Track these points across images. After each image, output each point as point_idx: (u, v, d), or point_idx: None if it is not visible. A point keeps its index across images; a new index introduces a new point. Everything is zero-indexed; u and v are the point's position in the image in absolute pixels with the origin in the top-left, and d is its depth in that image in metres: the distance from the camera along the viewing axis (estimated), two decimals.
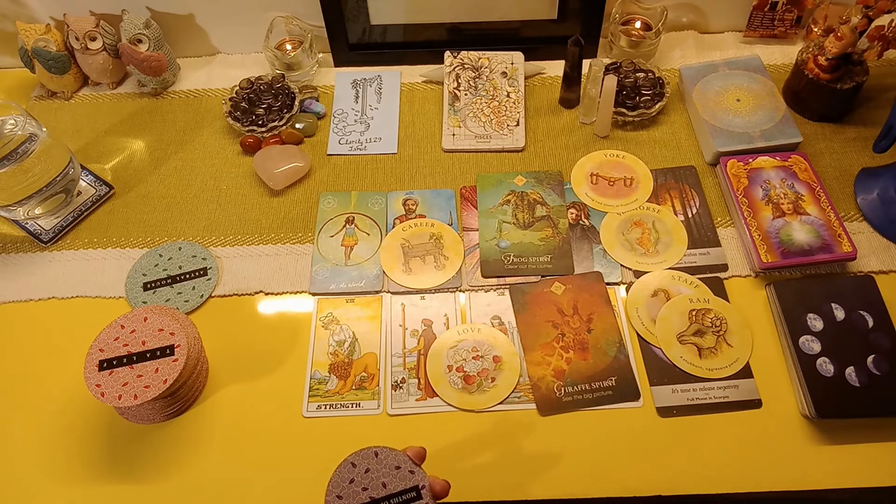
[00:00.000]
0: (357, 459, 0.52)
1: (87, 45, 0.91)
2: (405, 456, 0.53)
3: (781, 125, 0.83)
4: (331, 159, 0.88)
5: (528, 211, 0.81)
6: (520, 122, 0.88)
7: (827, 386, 0.65)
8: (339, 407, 0.68)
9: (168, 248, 0.80)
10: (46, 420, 0.69)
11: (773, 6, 0.91)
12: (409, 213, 0.82)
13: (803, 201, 0.76)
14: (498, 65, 0.92)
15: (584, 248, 0.78)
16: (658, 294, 0.74)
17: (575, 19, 0.92)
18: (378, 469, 0.52)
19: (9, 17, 0.93)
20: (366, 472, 0.52)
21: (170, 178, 0.87)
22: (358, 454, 0.52)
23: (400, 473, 0.52)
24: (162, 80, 0.94)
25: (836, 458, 0.64)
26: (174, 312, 0.68)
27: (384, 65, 0.97)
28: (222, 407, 0.69)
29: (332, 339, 0.73)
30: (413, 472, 0.52)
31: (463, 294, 0.75)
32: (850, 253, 0.72)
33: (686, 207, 0.80)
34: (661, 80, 0.88)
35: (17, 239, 0.82)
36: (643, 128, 0.88)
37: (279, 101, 0.89)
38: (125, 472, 0.66)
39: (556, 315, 0.73)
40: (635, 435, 0.66)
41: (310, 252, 0.79)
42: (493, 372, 0.70)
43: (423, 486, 0.51)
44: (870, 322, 0.68)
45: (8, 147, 0.75)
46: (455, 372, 0.70)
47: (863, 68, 0.83)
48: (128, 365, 0.63)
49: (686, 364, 0.69)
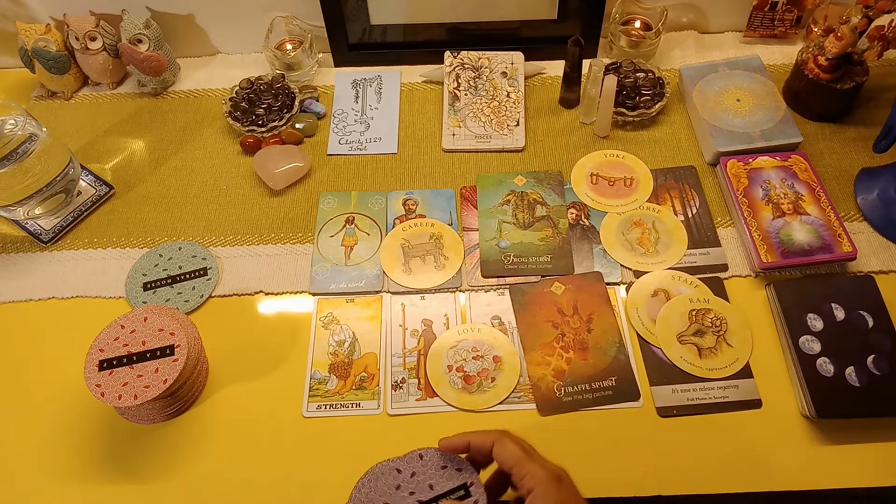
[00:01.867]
0: (402, 465, 0.50)
1: (87, 45, 0.91)
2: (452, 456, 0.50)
3: (781, 125, 0.83)
4: (331, 159, 0.88)
5: (528, 211, 0.81)
6: (520, 122, 0.88)
7: (827, 386, 0.64)
8: (339, 407, 0.68)
9: (168, 248, 0.80)
10: (46, 420, 0.69)
11: (773, 6, 0.91)
12: (409, 213, 0.82)
13: (803, 201, 0.76)
14: (498, 65, 0.92)
15: (584, 248, 0.78)
16: (658, 294, 0.74)
17: (575, 19, 0.92)
18: (424, 471, 0.50)
19: (9, 17, 0.93)
20: (412, 475, 0.50)
21: (170, 178, 0.87)
22: (402, 459, 0.51)
23: (447, 473, 0.50)
24: (162, 80, 0.94)
25: (836, 458, 0.64)
26: (174, 312, 0.68)
27: (384, 65, 0.97)
28: (222, 407, 0.69)
29: (332, 339, 0.73)
30: (461, 470, 0.50)
31: (463, 294, 0.75)
32: (850, 253, 0.72)
33: (686, 207, 0.80)
34: (661, 80, 0.88)
35: (17, 239, 0.82)
36: (643, 128, 0.88)
37: (279, 101, 0.89)
38: (125, 472, 0.66)
39: (556, 315, 0.73)
40: (635, 435, 0.66)
41: (310, 252, 0.79)
42: (493, 372, 0.70)
43: (472, 483, 0.49)
44: (870, 322, 0.68)
45: (8, 147, 0.75)
46: (455, 372, 0.70)
47: (863, 68, 0.83)
48: (128, 365, 0.63)
49: (686, 364, 0.69)
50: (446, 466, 0.50)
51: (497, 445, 0.48)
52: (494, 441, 0.49)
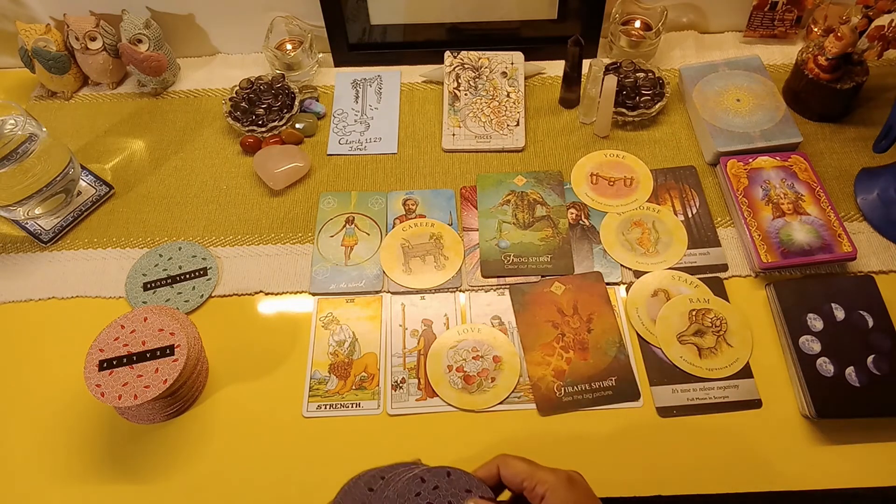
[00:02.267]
0: (427, 475, 0.49)
1: (87, 45, 0.91)
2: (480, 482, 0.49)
3: (781, 125, 0.83)
4: (331, 159, 0.88)
5: (528, 211, 0.81)
6: (520, 122, 0.88)
7: (827, 386, 0.64)
8: (339, 407, 0.68)
9: (168, 248, 0.80)
10: (46, 420, 0.69)
11: (773, 6, 0.91)
12: (409, 213, 0.82)
13: (803, 201, 0.76)
14: (498, 65, 0.92)
15: (584, 248, 0.78)
16: (658, 294, 0.74)
17: (575, 19, 0.92)
18: (447, 489, 0.48)
19: (9, 17, 0.93)
20: (434, 488, 0.49)
21: (170, 178, 0.87)
22: (430, 470, 0.49)
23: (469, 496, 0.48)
24: (162, 80, 0.94)
25: (836, 458, 0.64)
26: (174, 312, 0.68)
27: (384, 65, 0.97)
28: (222, 407, 0.69)
29: (332, 339, 0.73)
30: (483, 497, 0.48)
31: (463, 294, 0.75)
32: (850, 253, 0.72)
33: (686, 207, 0.80)
34: (661, 80, 0.88)
35: (17, 239, 0.82)
36: (643, 128, 0.88)
37: (279, 101, 0.89)
38: (125, 472, 0.66)
39: (556, 315, 0.73)
40: (635, 435, 0.66)
41: (310, 252, 0.79)
42: (493, 372, 0.70)
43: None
44: (870, 322, 0.68)
45: (8, 147, 0.75)
46: (455, 372, 0.70)
47: (863, 68, 0.83)
48: (128, 365, 0.63)
49: (686, 364, 0.69)
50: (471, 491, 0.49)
51: (502, 467, 0.48)
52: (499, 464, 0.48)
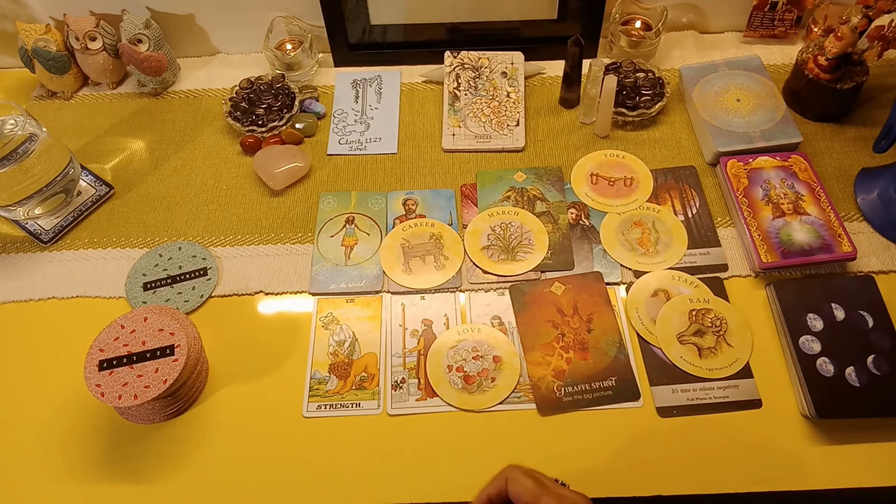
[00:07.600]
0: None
1: (87, 45, 0.91)
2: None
3: (781, 125, 0.83)
4: (331, 159, 0.88)
5: (527, 207, 0.81)
6: (520, 122, 0.88)
7: (827, 386, 0.64)
8: (339, 407, 0.68)
9: (168, 248, 0.80)
10: (46, 420, 0.69)
11: (773, 6, 0.91)
12: (409, 213, 0.82)
13: (803, 201, 0.76)
14: (498, 65, 0.92)
15: (584, 248, 0.78)
16: (658, 294, 0.74)
17: (575, 19, 0.92)
18: None
19: (9, 17, 0.93)
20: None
21: (170, 178, 0.87)
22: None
23: None
24: (162, 80, 0.94)
25: (836, 458, 0.64)
26: (174, 312, 0.68)
27: (384, 65, 0.97)
28: (222, 407, 0.69)
29: (332, 339, 0.73)
30: None
31: (463, 294, 0.75)
32: (850, 253, 0.72)
33: (686, 207, 0.80)
34: (661, 80, 0.88)
35: (17, 239, 0.82)
36: (643, 128, 0.88)
37: (279, 101, 0.89)
38: (125, 472, 0.66)
39: (556, 315, 0.73)
40: (635, 435, 0.66)
41: (310, 252, 0.79)
42: (493, 372, 0.70)
43: None
44: (870, 322, 0.68)
45: (8, 147, 0.75)
46: (455, 372, 0.70)
47: (863, 68, 0.83)
48: (128, 365, 0.63)
49: (686, 364, 0.69)
50: None
51: (511, 484, 0.48)
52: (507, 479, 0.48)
